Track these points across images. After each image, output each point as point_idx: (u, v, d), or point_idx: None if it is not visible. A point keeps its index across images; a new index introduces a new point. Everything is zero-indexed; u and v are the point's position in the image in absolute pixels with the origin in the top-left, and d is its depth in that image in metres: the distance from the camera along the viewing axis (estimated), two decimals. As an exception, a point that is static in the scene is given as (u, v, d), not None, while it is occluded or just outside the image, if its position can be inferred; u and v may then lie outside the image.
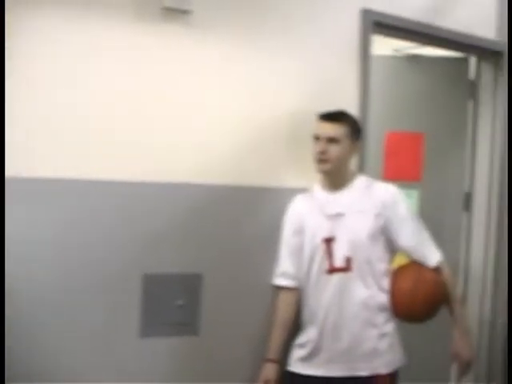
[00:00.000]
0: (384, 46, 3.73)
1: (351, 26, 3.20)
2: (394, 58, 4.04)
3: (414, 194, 3.95)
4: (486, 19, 3.82)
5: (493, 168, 3.93)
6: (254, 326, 2.92)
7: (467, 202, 4.03)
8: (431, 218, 3.05)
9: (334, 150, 2.79)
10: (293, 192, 2.95)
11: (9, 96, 2.31)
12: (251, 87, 2.89)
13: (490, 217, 3.94)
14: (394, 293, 2.82)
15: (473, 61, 4.00)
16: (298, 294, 2.90)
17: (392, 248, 2.89)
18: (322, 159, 2.80)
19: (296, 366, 2.85)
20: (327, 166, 2.81)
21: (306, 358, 2.83)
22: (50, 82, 2.47)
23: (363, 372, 2.76)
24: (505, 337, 3.66)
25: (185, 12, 2.71)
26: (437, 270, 2.88)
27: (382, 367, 2.78)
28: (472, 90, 4.00)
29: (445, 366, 3.84)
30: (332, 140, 2.78)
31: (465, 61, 4.00)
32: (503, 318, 3.83)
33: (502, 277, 3.92)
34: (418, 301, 2.79)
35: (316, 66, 3.08)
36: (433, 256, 2.89)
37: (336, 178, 2.86)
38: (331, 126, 2.79)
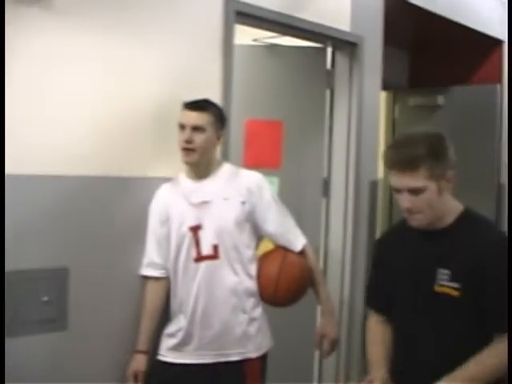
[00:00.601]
0: (244, 36, 3.77)
1: (214, 15, 3.20)
2: (253, 47, 4.08)
3: (275, 180, 4.01)
4: (342, 12, 3.94)
5: (349, 154, 4.07)
6: (125, 318, 2.88)
7: (325, 188, 4.15)
8: (291, 204, 3.11)
9: (200, 139, 2.79)
10: (160, 181, 2.93)
11: None
12: (115, 76, 2.83)
13: (347, 202, 4.09)
14: (261, 278, 2.88)
15: (329, 51, 4.11)
16: (166, 284, 2.89)
17: (258, 234, 2.94)
18: (187, 148, 2.79)
19: (167, 355, 2.85)
20: (193, 158, 2.81)
21: (177, 347, 2.83)
22: None
23: (234, 357, 2.81)
24: (363, 316, 3.83)
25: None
26: (302, 254, 2.96)
27: (252, 351, 2.84)
28: (329, 79, 4.12)
29: (310, 346, 3.97)
30: (197, 128, 2.79)
31: (322, 51, 4.10)
32: (359, 300, 4.02)
33: (359, 260, 4.10)
34: (285, 285, 2.86)
35: (180, 54, 3.06)
36: (298, 241, 2.98)
37: (201, 167, 2.87)
38: (196, 115, 2.79)
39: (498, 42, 5.50)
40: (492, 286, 2.11)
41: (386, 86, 5.05)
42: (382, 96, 5.57)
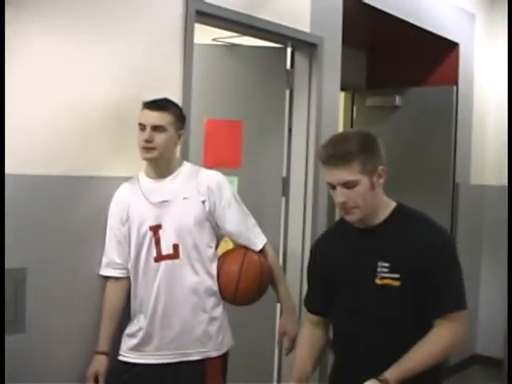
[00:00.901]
0: (203, 35, 3.77)
1: (174, 14, 3.20)
2: (213, 46, 4.08)
3: (234, 180, 4.01)
4: (302, 13, 3.97)
5: (308, 154, 4.10)
6: (84, 318, 2.86)
7: (285, 187, 4.17)
8: (251, 203, 3.12)
9: (160, 138, 2.79)
10: (119, 181, 2.92)
11: None
12: (74, 75, 2.80)
13: (305, 201, 4.12)
14: (221, 277, 2.88)
15: (289, 51, 4.13)
16: (126, 284, 2.88)
17: (219, 233, 2.95)
18: (147, 147, 2.79)
19: (127, 356, 2.84)
20: (153, 154, 2.80)
21: (137, 347, 2.83)
22: None
23: (195, 356, 2.81)
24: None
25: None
26: (262, 253, 2.98)
27: (213, 351, 2.85)
28: (288, 79, 4.13)
29: (270, 344, 4.00)
30: (158, 128, 2.78)
31: (282, 51, 4.11)
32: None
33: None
34: (245, 283, 2.87)
35: (140, 53, 3.04)
36: (258, 240, 2.99)
37: (161, 166, 2.86)
38: (157, 115, 2.79)
39: (454, 45, 5.59)
40: (432, 273, 2.20)
41: (344, 87, 5.09)
42: (341, 96, 5.63)
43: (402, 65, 5.77)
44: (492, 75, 6.08)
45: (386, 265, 2.24)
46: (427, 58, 5.72)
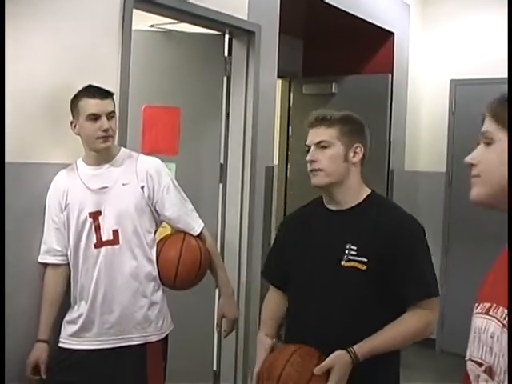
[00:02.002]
0: (141, 21, 3.76)
1: (112, 0, 3.19)
2: (151, 33, 4.07)
3: (172, 167, 4.01)
4: (239, 1, 3.99)
5: (245, 140, 4.14)
6: (25, 306, 2.84)
7: (222, 173, 4.20)
8: (189, 190, 3.14)
9: (113, 125, 2.83)
10: (57, 168, 2.90)
11: None
12: (10, 62, 2.73)
13: (243, 187, 4.16)
14: (160, 262, 2.91)
15: (227, 38, 4.15)
16: (66, 271, 2.88)
17: (158, 219, 2.97)
18: (106, 136, 2.79)
19: (68, 342, 2.84)
20: (111, 142, 2.83)
21: (78, 333, 2.83)
22: None
23: (136, 341, 2.84)
24: (259, 300, 3.93)
25: None
26: (200, 237, 3.02)
27: (153, 335, 2.88)
28: (226, 66, 4.16)
29: (209, 327, 4.04)
30: (110, 115, 2.81)
31: (220, 38, 4.13)
32: (256, 282, 4.12)
33: (255, 245, 4.19)
34: (184, 268, 2.90)
35: (77, 40, 3.02)
36: (196, 225, 3.02)
37: (103, 153, 2.86)
38: (108, 102, 2.81)
39: (390, 34, 5.70)
40: (401, 260, 2.27)
41: (281, 74, 5.15)
42: (278, 84, 5.68)
43: (339, 53, 5.85)
44: (426, 64, 6.23)
45: (354, 248, 2.29)
46: (363, 46, 5.83)
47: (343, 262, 2.30)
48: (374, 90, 5.67)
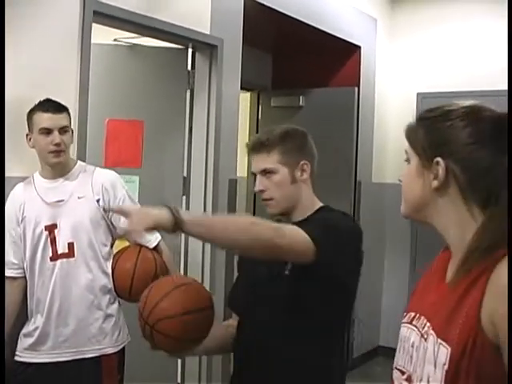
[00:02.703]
0: (106, 35, 3.79)
1: (71, 15, 3.21)
2: (114, 46, 4.09)
3: (136, 179, 4.02)
4: (202, 14, 4.03)
5: (208, 153, 4.17)
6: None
7: (185, 186, 4.22)
8: (152, 203, 3.13)
9: (67, 140, 2.84)
10: (15, 181, 2.91)
11: None
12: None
13: (206, 200, 4.18)
14: (116, 274, 2.92)
15: (190, 52, 4.18)
16: (22, 284, 2.88)
17: (114, 232, 2.98)
18: (58, 150, 2.80)
19: (23, 356, 2.85)
20: (64, 157, 2.85)
21: (33, 346, 2.84)
22: None
23: (90, 354, 2.84)
24: (222, 316, 3.93)
25: None
26: (157, 250, 3.03)
27: (108, 347, 2.89)
28: (189, 79, 4.19)
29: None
30: (63, 129, 2.82)
31: (183, 52, 4.16)
32: (219, 295, 4.11)
33: (218, 259, 4.21)
34: (140, 281, 2.88)
35: (36, 53, 3.05)
36: (152, 237, 3.02)
37: (59, 167, 2.88)
38: (62, 116, 2.83)
39: (356, 48, 5.77)
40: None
41: (250, 87, 5.19)
42: (247, 97, 5.72)
43: (306, 66, 5.90)
44: (393, 77, 6.30)
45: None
46: (330, 60, 5.89)
47: (287, 272, 2.20)
48: (340, 102, 5.73)
